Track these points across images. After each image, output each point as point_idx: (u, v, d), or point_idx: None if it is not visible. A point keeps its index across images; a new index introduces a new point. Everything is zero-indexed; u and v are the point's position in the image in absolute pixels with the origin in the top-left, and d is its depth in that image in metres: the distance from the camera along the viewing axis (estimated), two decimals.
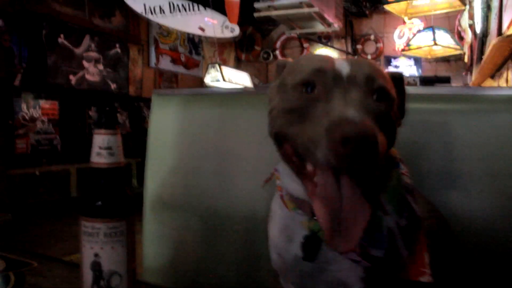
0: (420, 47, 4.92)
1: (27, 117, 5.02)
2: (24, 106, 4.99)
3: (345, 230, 0.62)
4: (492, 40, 3.01)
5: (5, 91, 4.80)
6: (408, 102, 0.89)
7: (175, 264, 1.34)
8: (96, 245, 0.73)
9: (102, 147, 0.77)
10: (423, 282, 0.75)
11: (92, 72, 5.93)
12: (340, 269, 0.77)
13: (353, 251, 0.72)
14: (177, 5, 5.58)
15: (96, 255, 0.73)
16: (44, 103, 5.24)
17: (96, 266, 0.73)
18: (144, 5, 5.47)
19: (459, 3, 3.79)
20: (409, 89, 0.80)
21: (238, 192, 1.30)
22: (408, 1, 3.80)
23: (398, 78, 0.79)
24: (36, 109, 5.13)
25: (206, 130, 1.36)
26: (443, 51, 5.29)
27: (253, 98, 1.33)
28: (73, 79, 5.59)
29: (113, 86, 6.32)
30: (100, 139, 0.77)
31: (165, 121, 1.42)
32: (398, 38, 7.86)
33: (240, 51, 10.04)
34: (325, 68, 0.70)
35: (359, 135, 0.58)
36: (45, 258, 1.10)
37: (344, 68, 0.70)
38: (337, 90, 0.68)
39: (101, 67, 6.07)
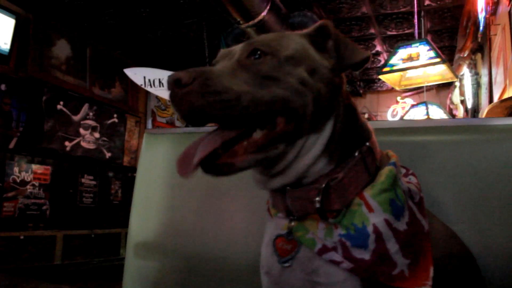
0: None
1: (18, 180, 4.94)
2: (16, 170, 4.93)
3: (182, 160, 0.71)
4: (485, 108, 3.06)
5: None
6: (413, 135, 0.85)
7: None
8: None
9: None
10: None
11: (88, 139, 5.94)
12: (332, 283, 0.70)
13: (333, 251, 0.68)
14: None
15: None
16: (37, 168, 5.19)
17: None
18: (144, 78, 5.63)
19: (451, 75, 3.91)
20: (420, 122, 0.78)
21: (229, 232, 1.22)
22: (401, 72, 3.92)
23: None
24: (28, 173, 5.07)
25: None
26: None
27: None
28: (68, 145, 5.59)
29: (108, 155, 6.31)
30: None
31: (155, 160, 1.38)
32: (392, 116, 8.03)
33: None
34: None
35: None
36: None
37: None
38: None
39: (97, 135, 6.10)
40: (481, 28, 4.41)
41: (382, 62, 6.60)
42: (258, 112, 0.70)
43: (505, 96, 3.29)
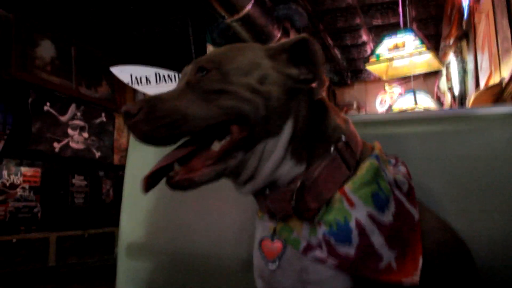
0: (402, 110, 5.05)
1: (7, 184, 4.90)
2: (5, 173, 4.89)
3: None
4: (472, 95, 3.09)
5: None
6: (400, 126, 0.85)
7: None
8: None
9: None
10: None
11: (77, 140, 5.90)
12: (321, 280, 0.71)
13: (317, 248, 0.69)
14: (163, 76, 5.68)
15: None
16: (26, 170, 5.14)
17: None
18: (131, 75, 5.57)
19: (437, 64, 3.93)
20: (406, 114, 0.79)
21: (221, 231, 1.22)
22: (388, 63, 3.93)
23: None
24: (17, 176, 5.03)
25: None
26: None
27: None
28: (57, 146, 5.54)
29: (97, 154, 6.27)
30: None
31: (142, 159, 1.37)
32: (380, 105, 8.07)
33: None
34: None
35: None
36: None
37: None
38: None
39: (86, 135, 6.06)
40: (465, 15, 4.44)
41: (369, 52, 6.62)
42: (209, 125, 0.71)
43: (491, 82, 3.32)
